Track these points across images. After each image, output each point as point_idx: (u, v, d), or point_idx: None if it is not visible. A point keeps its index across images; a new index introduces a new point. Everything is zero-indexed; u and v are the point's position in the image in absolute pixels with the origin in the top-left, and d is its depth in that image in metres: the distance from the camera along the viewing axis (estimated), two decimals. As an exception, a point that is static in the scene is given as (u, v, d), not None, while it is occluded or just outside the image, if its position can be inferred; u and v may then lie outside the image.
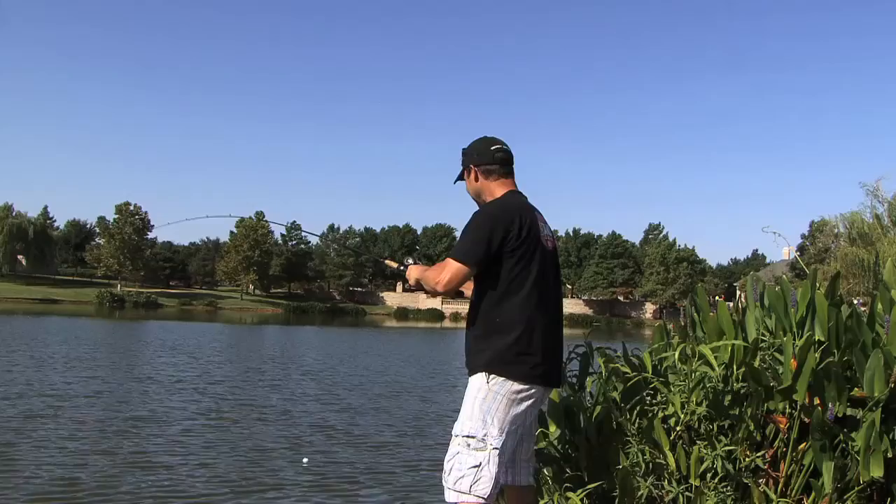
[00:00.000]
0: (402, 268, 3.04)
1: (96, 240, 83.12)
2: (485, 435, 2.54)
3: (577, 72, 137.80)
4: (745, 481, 2.68)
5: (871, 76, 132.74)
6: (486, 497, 2.50)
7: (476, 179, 2.83)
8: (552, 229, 2.90)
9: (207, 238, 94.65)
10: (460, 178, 2.92)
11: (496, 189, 2.80)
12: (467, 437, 2.54)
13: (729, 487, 2.67)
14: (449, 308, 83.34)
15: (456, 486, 2.51)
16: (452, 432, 2.61)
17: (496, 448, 2.53)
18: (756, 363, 2.79)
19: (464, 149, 2.90)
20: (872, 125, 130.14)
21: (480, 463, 2.51)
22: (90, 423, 8.93)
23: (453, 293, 2.72)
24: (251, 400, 11.64)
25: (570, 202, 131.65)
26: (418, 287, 2.89)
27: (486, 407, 2.57)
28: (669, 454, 2.78)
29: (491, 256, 2.60)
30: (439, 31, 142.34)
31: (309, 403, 11.58)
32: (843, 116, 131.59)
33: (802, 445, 2.62)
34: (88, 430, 8.48)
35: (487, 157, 2.81)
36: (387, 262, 3.21)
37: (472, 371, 2.65)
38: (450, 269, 2.60)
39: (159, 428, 8.83)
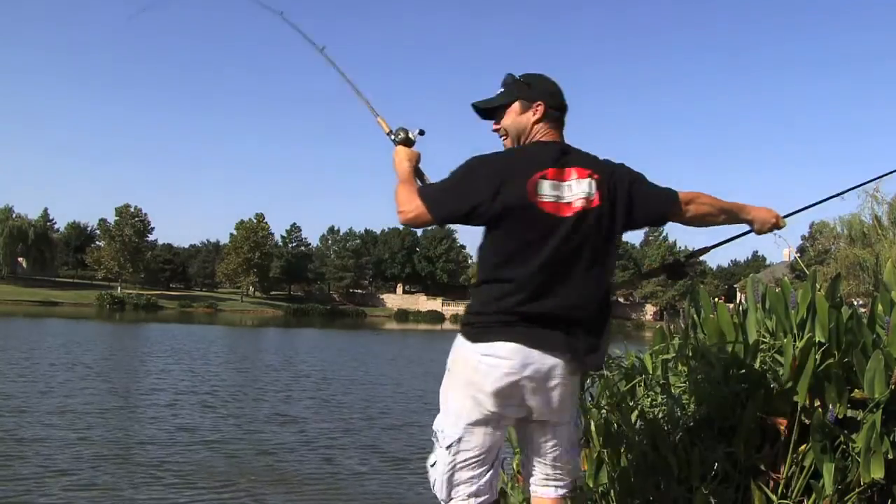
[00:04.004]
0: (390, 136, 2.54)
1: (97, 242, 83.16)
2: (442, 430, 2.20)
3: (576, 72, 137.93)
4: (746, 482, 2.68)
5: (871, 77, 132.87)
6: (445, 500, 2.18)
7: (539, 118, 2.26)
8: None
9: (207, 240, 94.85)
10: (499, 107, 2.31)
11: (540, 138, 2.27)
12: (434, 430, 2.24)
13: (729, 489, 2.67)
14: (449, 310, 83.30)
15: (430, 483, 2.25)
16: None
17: (444, 447, 2.16)
18: (756, 364, 2.80)
19: (526, 80, 2.31)
20: (872, 126, 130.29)
21: (434, 462, 2.20)
22: (94, 439, 8.52)
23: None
24: (266, 416, 11.04)
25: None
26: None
27: (444, 393, 2.23)
28: (670, 455, 2.78)
29: (467, 220, 2.17)
30: (439, 29, 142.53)
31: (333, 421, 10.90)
32: (843, 117, 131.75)
33: (803, 447, 2.62)
34: (89, 451, 8.01)
35: (557, 101, 2.29)
36: (379, 120, 2.63)
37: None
38: (417, 209, 2.15)
39: (163, 449, 8.33)
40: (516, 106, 2.28)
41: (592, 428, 3.01)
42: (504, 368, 2.08)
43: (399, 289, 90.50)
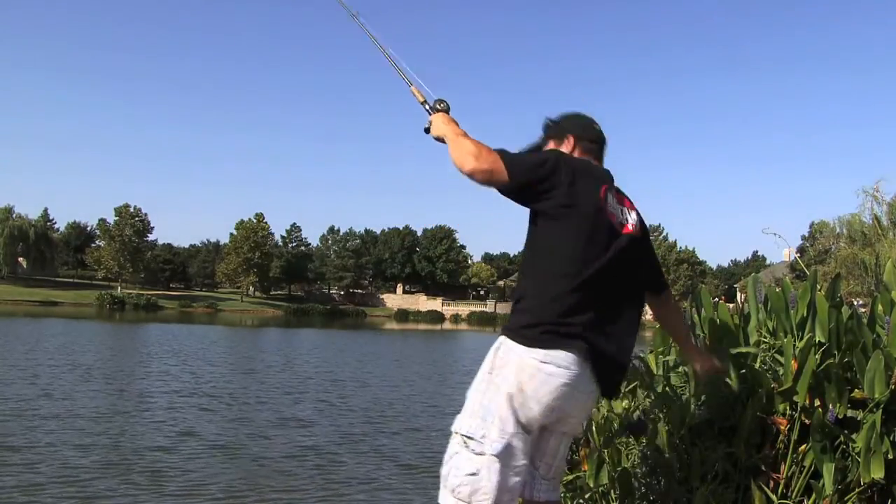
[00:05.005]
0: (426, 106, 2.47)
1: (97, 242, 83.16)
2: (483, 436, 2.06)
3: (575, 71, 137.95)
4: (746, 482, 2.68)
5: (871, 75, 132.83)
6: None
7: (572, 150, 2.38)
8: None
9: (207, 240, 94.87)
10: (539, 146, 2.44)
11: None
12: (465, 436, 2.09)
13: (729, 489, 2.67)
14: (449, 310, 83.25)
15: (455, 494, 2.07)
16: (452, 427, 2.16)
17: (491, 454, 2.05)
18: (756, 364, 2.80)
19: (554, 119, 2.47)
20: (872, 125, 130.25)
21: (478, 471, 2.04)
22: (95, 443, 8.37)
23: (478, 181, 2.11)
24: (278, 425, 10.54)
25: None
26: (438, 140, 2.32)
27: (482, 395, 2.10)
28: (670, 455, 2.78)
29: (536, 197, 2.14)
30: (438, 30, 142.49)
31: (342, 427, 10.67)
32: (843, 116, 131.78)
33: (803, 447, 2.62)
34: (90, 456, 7.80)
35: (590, 133, 2.42)
36: (413, 89, 2.52)
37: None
38: (495, 162, 2.09)
39: (165, 454, 8.11)
40: (551, 143, 2.41)
41: (593, 428, 3.01)
42: (562, 378, 2.07)
43: (399, 289, 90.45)
